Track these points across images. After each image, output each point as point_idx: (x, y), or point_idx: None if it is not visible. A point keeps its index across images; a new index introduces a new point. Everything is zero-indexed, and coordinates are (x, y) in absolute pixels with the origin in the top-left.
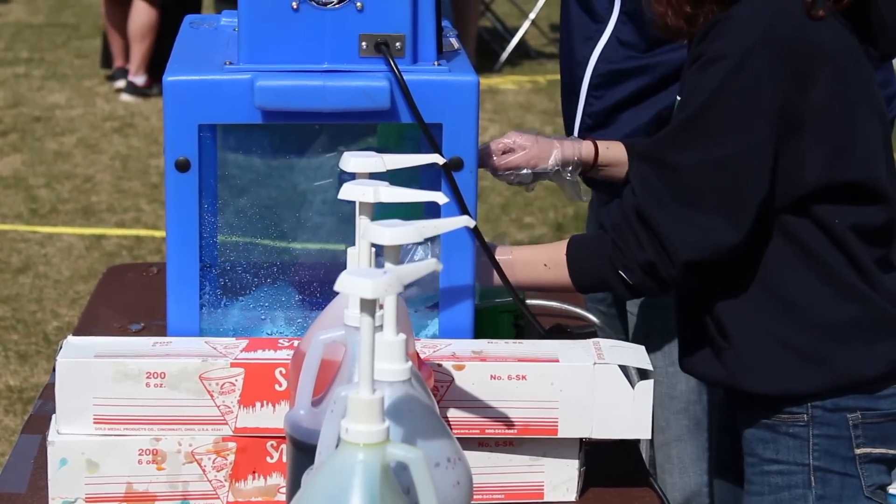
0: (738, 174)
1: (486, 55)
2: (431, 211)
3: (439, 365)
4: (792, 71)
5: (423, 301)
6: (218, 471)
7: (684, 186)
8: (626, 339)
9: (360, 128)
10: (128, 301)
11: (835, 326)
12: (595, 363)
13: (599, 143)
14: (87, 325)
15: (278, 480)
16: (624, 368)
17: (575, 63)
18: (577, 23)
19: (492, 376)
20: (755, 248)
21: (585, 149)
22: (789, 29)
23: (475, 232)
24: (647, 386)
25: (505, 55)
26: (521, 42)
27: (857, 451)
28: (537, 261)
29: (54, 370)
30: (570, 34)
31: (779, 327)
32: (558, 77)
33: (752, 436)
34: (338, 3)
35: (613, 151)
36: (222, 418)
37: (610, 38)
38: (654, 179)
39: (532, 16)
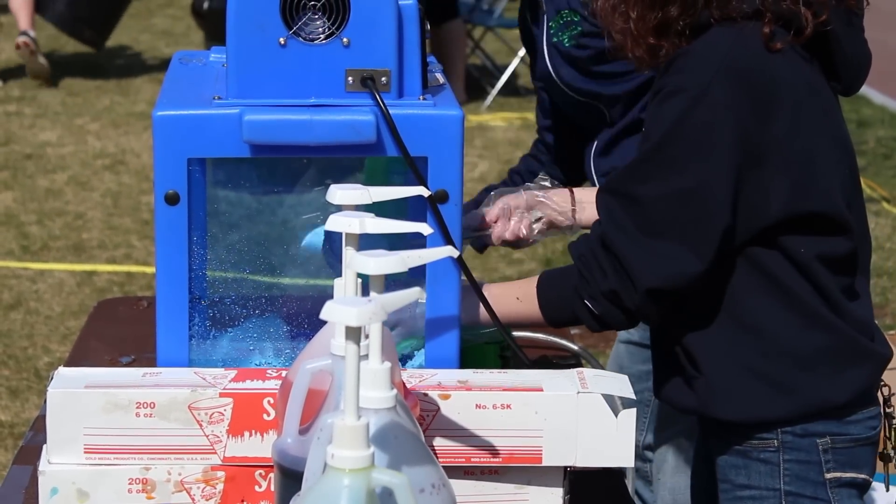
0: (699, 205)
1: (475, 92)
2: (417, 244)
3: (425, 394)
4: (751, 104)
5: (407, 346)
6: (207, 500)
7: (647, 217)
8: None
9: (347, 162)
10: (118, 334)
11: (803, 354)
12: (579, 392)
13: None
14: (78, 358)
15: None
16: (608, 397)
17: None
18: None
19: (477, 405)
20: (722, 278)
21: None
22: (747, 62)
23: (460, 262)
24: (631, 414)
25: (494, 92)
26: (511, 79)
27: (828, 476)
28: (510, 294)
29: (45, 402)
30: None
31: (748, 356)
32: None
33: (724, 462)
34: (324, 39)
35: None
36: (211, 447)
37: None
38: (618, 210)
39: (521, 53)
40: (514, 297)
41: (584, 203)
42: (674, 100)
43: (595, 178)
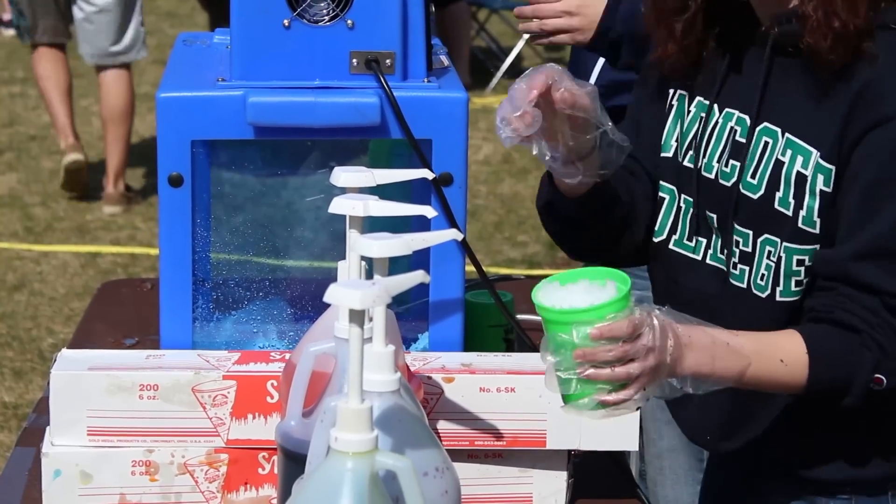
0: None
1: (480, 74)
2: (421, 227)
3: (429, 377)
4: None
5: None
6: (210, 482)
7: None
8: None
9: (351, 144)
10: (122, 316)
11: None
12: None
13: None
14: (82, 340)
15: (270, 492)
16: None
17: (580, 73)
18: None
19: (481, 388)
20: None
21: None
22: None
23: (464, 245)
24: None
25: (499, 74)
26: (516, 61)
27: None
28: (774, 356)
29: (48, 383)
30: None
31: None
32: None
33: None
34: (329, 20)
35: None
36: (214, 430)
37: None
38: None
39: (526, 35)
40: (779, 359)
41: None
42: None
43: None
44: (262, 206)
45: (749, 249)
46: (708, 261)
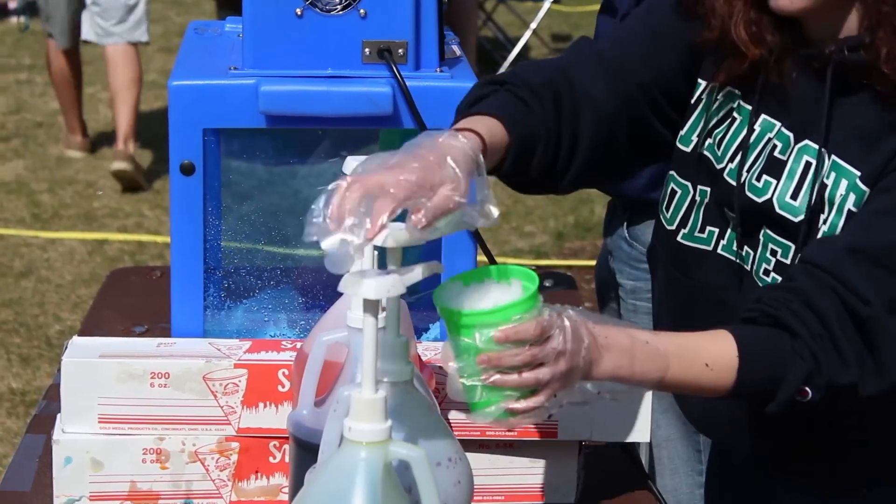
0: None
1: (487, 65)
2: None
3: (440, 367)
4: None
5: None
6: (221, 470)
7: None
8: None
9: (362, 134)
10: (131, 304)
11: None
12: None
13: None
14: (91, 327)
15: (281, 480)
16: None
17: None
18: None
19: None
20: None
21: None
22: None
23: (476, 236)
24: (647, 389)
25: (506, 65)
26: (523, 52)
27: None
28: (699, 359)
29: (59, 371)
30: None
31: None
32: None
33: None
34: (341, 9)
35: (493, 131)
36: (225, 418)
37: None
38: (890, 286)
39: (533, 26)
40: (703, 363)
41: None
42: None
43: None
44: (273, 195)
45: (788, 261)
46: (719, 251)
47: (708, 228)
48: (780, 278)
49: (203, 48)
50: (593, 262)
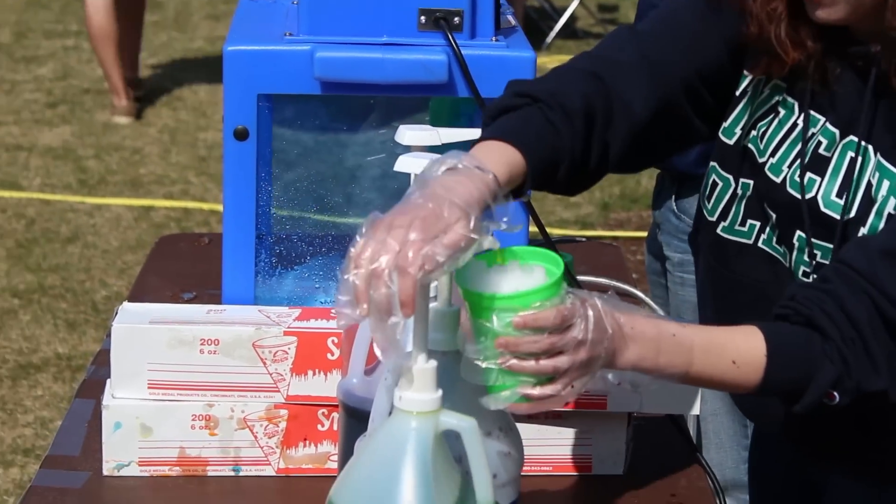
0: None
1: (533, 34)
2: None
3: None
4: None
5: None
6: (269, 437)
7: None
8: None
9: (413, 103)
10: (179, 270)
11: None
12: None
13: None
14: (139, 294)
15: (329, 448)
16: None
17: None
18: None
19: None
20: None
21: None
22: None
23: (528, 207)
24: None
25: (552, 35)
26: (569, 22)
27: None
28: (726, 357)
29: (108, 336)
30: None
31: None
32: None
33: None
34: None
35: (511, 164)
36: (275, 386)
37: None
38: None
39: None
40: (731, 359)
41: None
42: None
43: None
44: (324, 162)
45: (827, 262)
46: (760, 245)
47: (749, 222)
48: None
49: (258, 14)
50: (639, 234)
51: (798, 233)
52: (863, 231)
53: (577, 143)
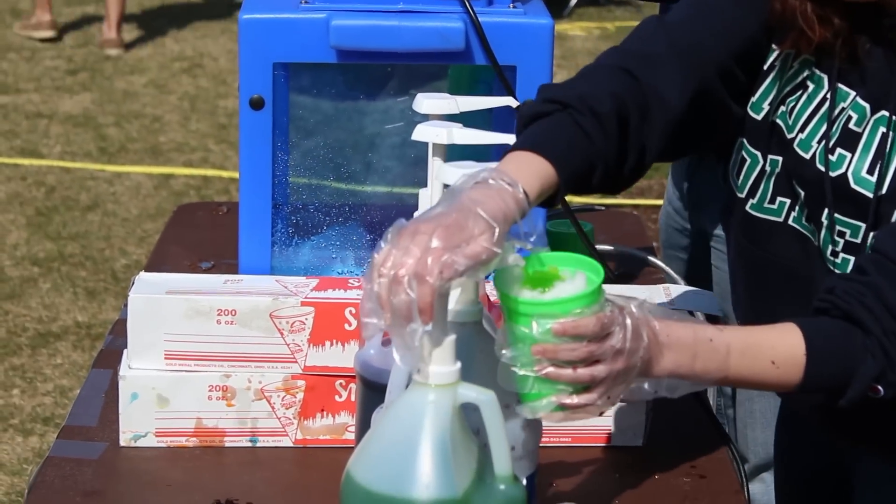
0: None
1: (554, 1)
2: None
3: None
4: None
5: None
6: (287, 408)
7: None
8: None
9: (431, 70)
10: (198, 239)
11: None
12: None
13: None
14: (158, 262)
15: (346, 419)
16: (694, 314)
17: None
18: None
19: None
20: None
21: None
22: None
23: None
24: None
25: (573, 1)
26: None
27: None
28: (765, 357)
29: (125, 306)
30: None
31: None
32: (627, 24)
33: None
34: None
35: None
36: (292, 356)
37: None
38: None
39: None
40: (769, 360)
41: None
42: None
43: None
44: (341, 131)
45: (858, 241)
46: (790, 223)
47: (779, 199)
48: (850, 258)
49: None
50: (659, 202)
51: (826, 210)
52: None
53: (611, 147)
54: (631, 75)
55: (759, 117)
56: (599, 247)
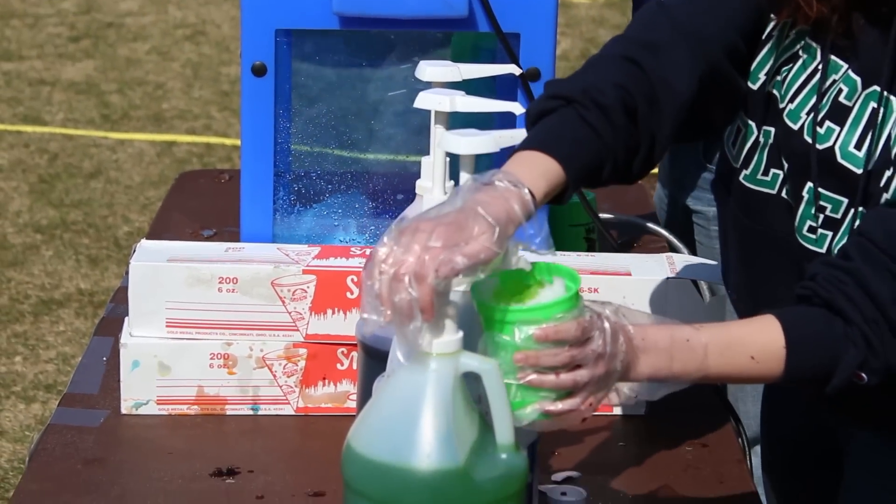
0: None
1: None
2: (504, 125)
3: None
4: None
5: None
6: (288, 376)
7: None
8: None
9: (434, 38)
10: (200, 207)
11: None
12: (668, 277)
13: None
14: (160, 230)
15: (348, 387)
16: (698, 284)
17: None
18: None
19: None
20: None
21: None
22: None
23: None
24: (721, 302)
25: None
26: None
27: None
28: (744, 353)
29: (127, 274)
30: None
31: None
32: None
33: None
34: None
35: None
36: (293, 324)
37: None
38: None
39: None
40: (749, 355)
41: None
42: None
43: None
44: (343, 98)
45: (838, 216)
46: (783, 195)
47: (772, 171)
48: (827, 234)
49: None
50: None
51: (808, 184)
52: (882, 189)
53: (619, 139)
54: (635, 64)
55: (756, 87)
56: (602, 215)
